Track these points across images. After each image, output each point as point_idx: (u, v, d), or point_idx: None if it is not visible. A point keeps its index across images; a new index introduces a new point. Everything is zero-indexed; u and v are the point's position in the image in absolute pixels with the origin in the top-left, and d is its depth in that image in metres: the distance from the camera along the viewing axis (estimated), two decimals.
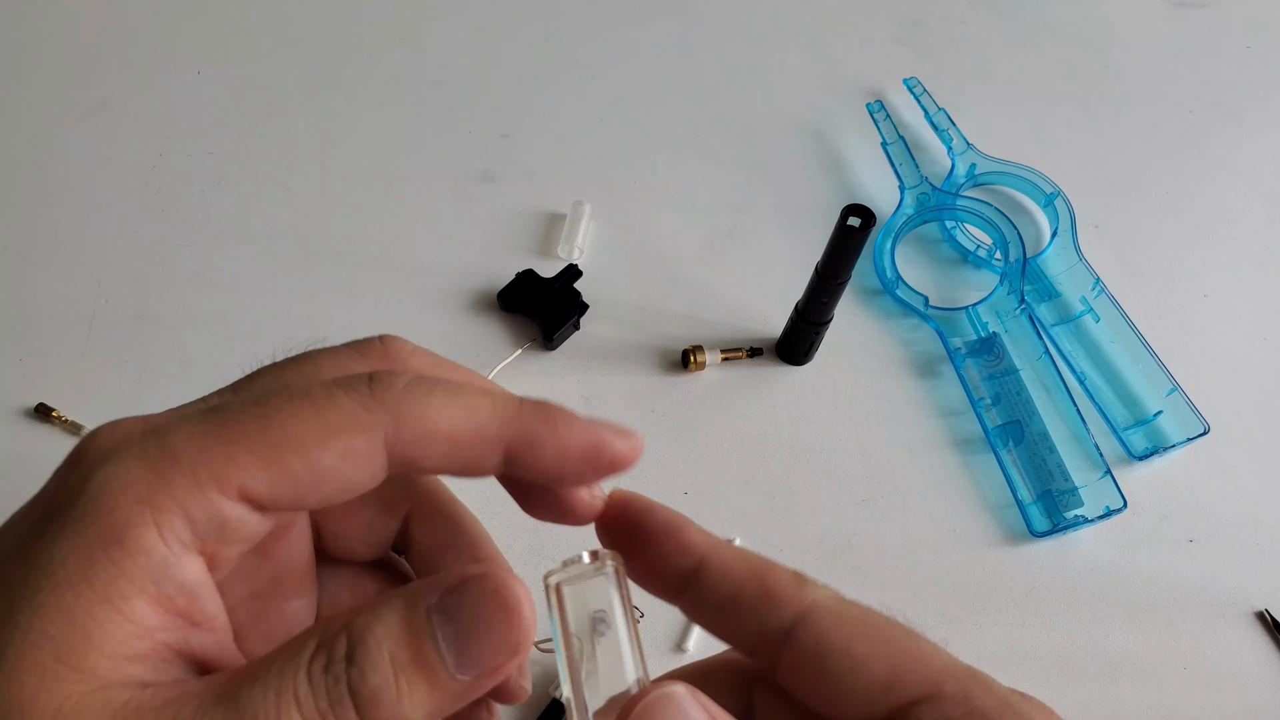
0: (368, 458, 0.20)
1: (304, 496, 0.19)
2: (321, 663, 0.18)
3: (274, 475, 0.19)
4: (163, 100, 0.68)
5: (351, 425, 0.19)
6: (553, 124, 0.68)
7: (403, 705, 0.18)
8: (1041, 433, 0.54)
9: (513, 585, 0.20)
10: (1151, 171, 0.69)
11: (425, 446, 0.20)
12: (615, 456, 0.23)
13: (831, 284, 0.50)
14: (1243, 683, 0.48)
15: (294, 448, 0.19)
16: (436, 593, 0.19)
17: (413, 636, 0.19)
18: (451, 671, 0.19)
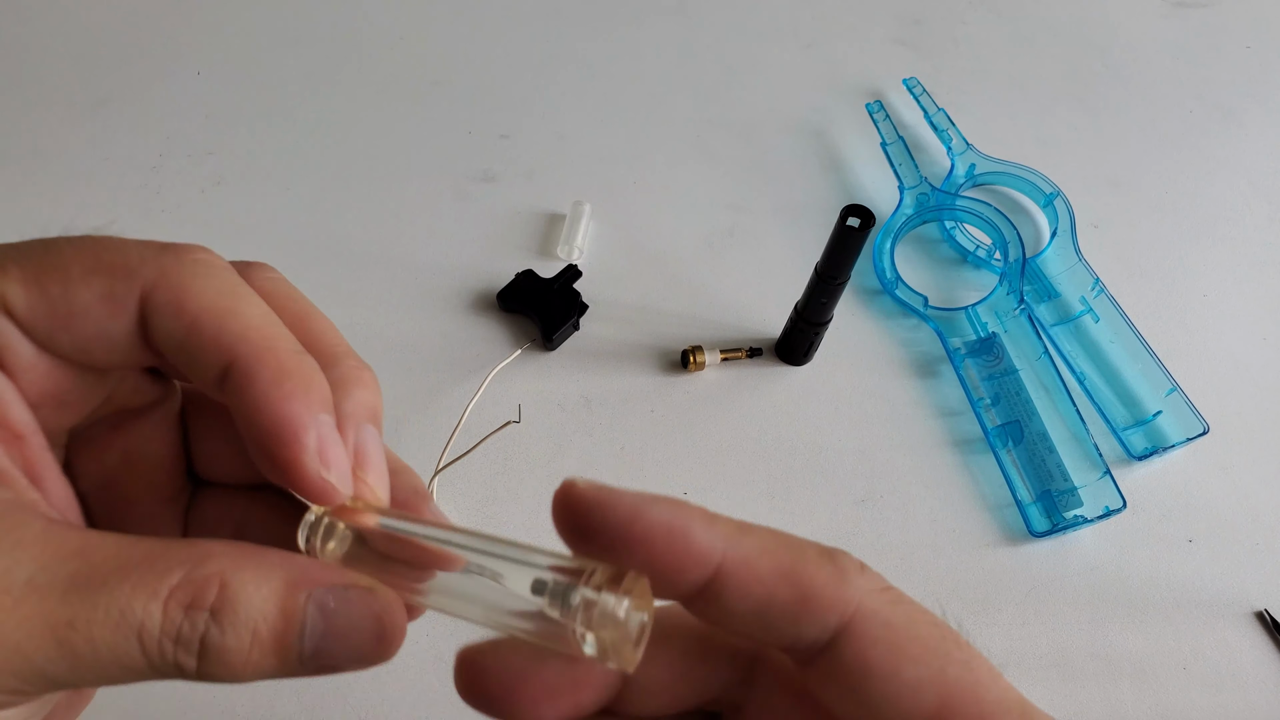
0: (125, 308, 0.19)
1: (56, 329, 0.19)
2: (181, 601, 0.17)
3: (33, 296, 0.18)
4: (163, 100, 0.68)
5: (118, 266, 0.19)
6: (553, 124, 0.68)
7: (244, 670, 0.18)
8: (1041, 433, 0.54)
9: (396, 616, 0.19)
10: (1151, 171, 0.69)
11: (168, 319, 0.19)
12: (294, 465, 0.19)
13: (831, 284, 0.50)
14: (1242, 683, 0.48)
15: (59, 274, 0.19)
16: (320, 585, 0.19)
17: (283, 620, 0.18)
18: (304, 658, 0.19)
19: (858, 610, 0.18)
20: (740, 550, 0.18)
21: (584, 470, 0.52)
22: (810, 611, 0.18)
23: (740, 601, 0.18)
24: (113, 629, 0.17)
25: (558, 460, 0.52)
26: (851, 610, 0.18)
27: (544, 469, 0.52)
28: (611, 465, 0.52)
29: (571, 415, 0.54)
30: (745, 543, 0.18)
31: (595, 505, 0.17)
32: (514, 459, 0.52)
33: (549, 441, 0.53)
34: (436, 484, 0.50)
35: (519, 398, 0.54)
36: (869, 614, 0.18)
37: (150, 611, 0.17)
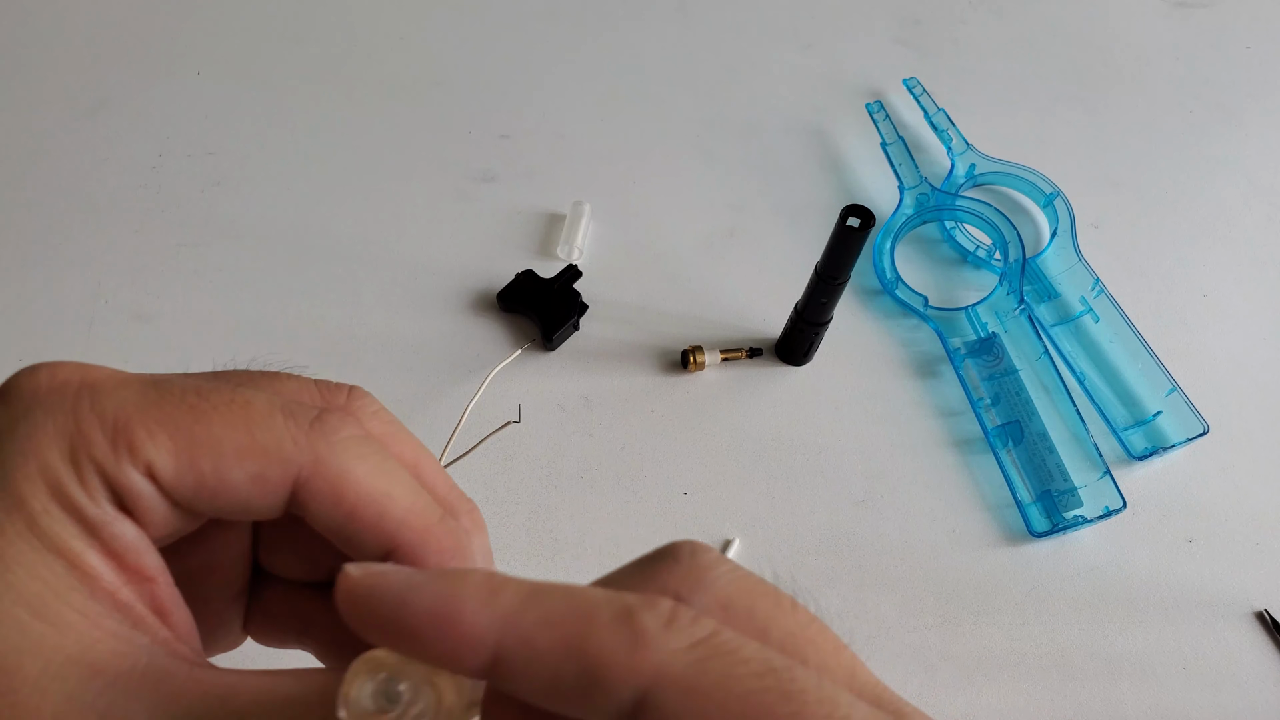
0: (276, 489, 0.19)
1: (201, 499, 0.19)
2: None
3: (182, 467, 0.18)
4: (163, 100, 0.68)
5: (273, 451, 0.19)
6: (553, 124, 0.68)
7: None
8: (1041, 433, 0.54)
9: None
10: (1151, 171, 0.69)
11: (327, 504, 0.19)
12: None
13: (831, 284, 0.50)
14: (1242, 683, 0.48)
15: (212, 451, 0.18)
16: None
17: None
18: None
19: (656, 678, 0.15)
20: (520, 628, 0.16)
21: (584, 470, 0.52)
22: (599, 688, 0.15)
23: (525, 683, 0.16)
24: None
25: (558, 460, 0.52)
26: (648, 680, 0.15)
27: (544, 469, 0.52)
28: (611, 465, 0.52)
29: (571, 415, 0.54)
30: (526, 618, 0.16)
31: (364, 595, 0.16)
32: (514, 459, 0.52)
33: (549, 441, 0.53)
34: None
35: (519, 398, 0.54)
36: (669, 682, 0.15)
37: None
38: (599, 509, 0.51)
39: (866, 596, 0.49)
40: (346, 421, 0.20)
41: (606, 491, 0.51)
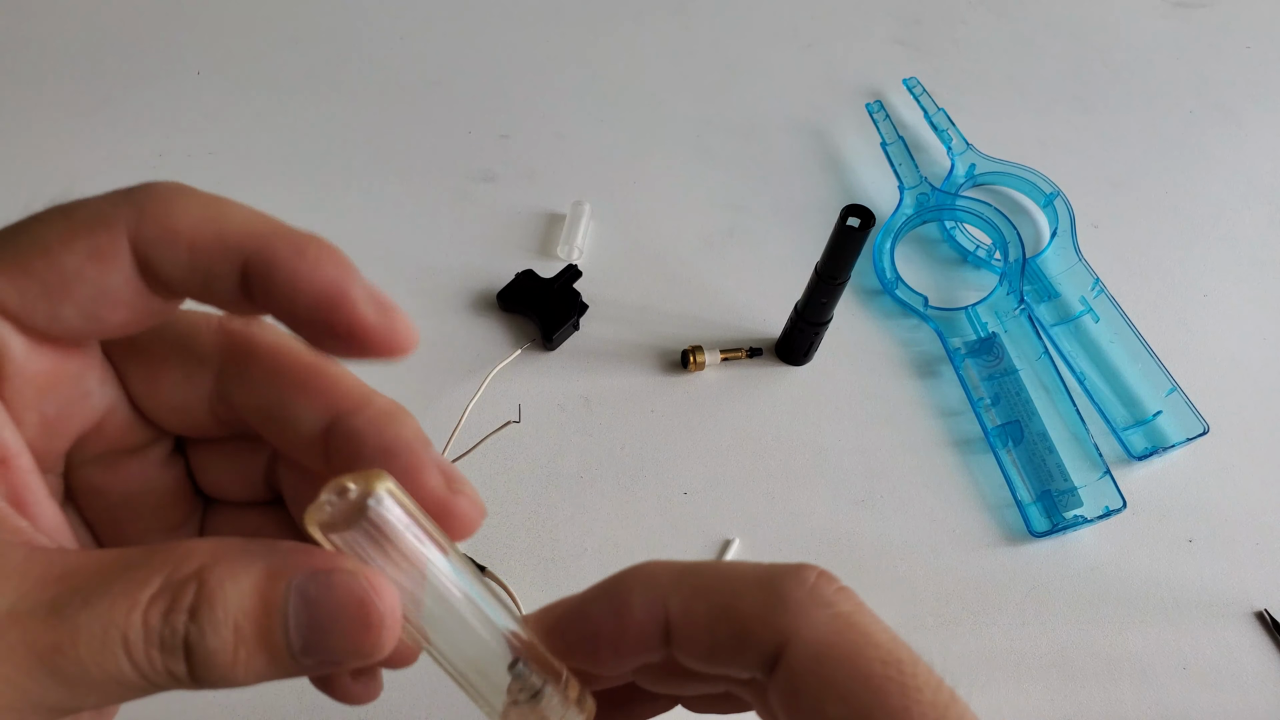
0: (113, 255, 0.18)
1: (60, 305, 0.18)
2: (161, 607, 0.17)
3: (21, 284, 0.18)
4: (163, 100, 0.68)
5: (95, 221, 0.18)
6: (553, 124, 0.68)
7: (236, 671, 0.17)
8: (1041, 433, 0.54)
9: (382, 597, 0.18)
10: (1151, 171, 0.69)
11: (166, 247, 0.18)
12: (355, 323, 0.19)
13: (831, 284, 0.50)
14: (1242, 683, 0.48)
15: (38, 250, 0.18)
16: (302, 572, 0.18)
17: (263, 612, 0.17)
18: (295, 654, 0.18)
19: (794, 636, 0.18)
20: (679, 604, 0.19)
21: (584, 470, 0.52)
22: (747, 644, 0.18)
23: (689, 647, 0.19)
24: (99, 647, 0.16)
25: (558, 460, 0.52)
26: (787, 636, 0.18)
27: (544, 469, 0.52)
28: (611, 465, 0.52)
29: (571, 415, 0.54)
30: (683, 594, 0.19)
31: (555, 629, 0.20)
32: (514, 459, 0.52)
33: (549, 441, 0.53)
34: None
35: (519, 398, 0.54)
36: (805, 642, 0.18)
37: (132, 622, 0.16)
38: (599, 509, 0.51)
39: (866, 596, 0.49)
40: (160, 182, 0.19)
41: (606, 491, 0.51)
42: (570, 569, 0.49)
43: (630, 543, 0.50)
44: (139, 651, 0.16)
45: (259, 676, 0.18)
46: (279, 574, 0.18)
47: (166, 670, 0.17)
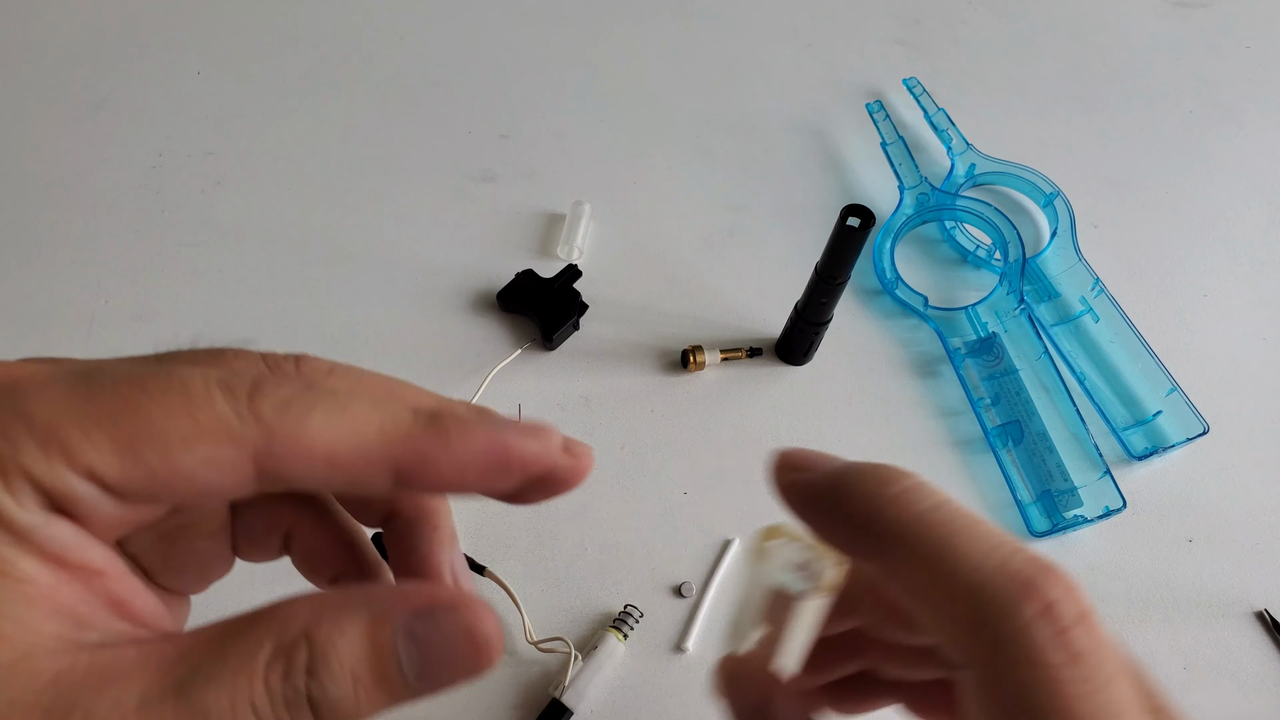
0: (233, 468, 0.18)
1: (161, 492, 0.18)
2: (280, 671, 0.17)
3: (127, 465, 0.17)
4: (163, 100, 0.68)
5: (219, 432, 0.18)
6: (553, 124, 0.68)
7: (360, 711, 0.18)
8: (1041, 433, 0.54)
9: (484, 618, 0.19)
10: (1151, 171, 0.69)
11: (300, 465, 0.19)
12: (527, 459, 0.20)
13: (831, 284, 0.50)
14: (1243, 683, 0.48)
15: (154, 442, 0.18)
16: (404, 614, 0.19)
17: (377, 657, 0.18)
18: (411, 685, 0.19)
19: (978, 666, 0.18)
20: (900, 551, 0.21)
21: None
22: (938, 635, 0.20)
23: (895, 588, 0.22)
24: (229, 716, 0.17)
25: None
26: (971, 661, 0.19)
27: None
28: (611, 465, 0.52)
29: (571, 415, 0.54)
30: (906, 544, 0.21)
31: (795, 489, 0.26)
32: None
33: None
34: None
35: (519, 398, 0.54)
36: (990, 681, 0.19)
37: (256, 690, 0.17)
38: (599, 509, 0.51)
39: None
40: (286, 381, 0.19)
41: (606, 491, 0.51)
42: (570, 569, 0.49)
43: (630, 543, 0.50)
44: (268, 715, 0.17)
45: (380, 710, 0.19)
46: (382, 620, 0.18)
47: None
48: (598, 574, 0.49)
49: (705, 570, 0.49)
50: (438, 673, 0.19)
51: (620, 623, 0.46)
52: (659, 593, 0.48)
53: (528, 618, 0.46)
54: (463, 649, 0.19)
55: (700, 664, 0.46)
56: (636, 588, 0.48)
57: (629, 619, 0.46)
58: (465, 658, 0.19)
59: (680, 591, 0.48)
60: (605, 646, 0.45)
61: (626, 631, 0.46)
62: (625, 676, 0.46)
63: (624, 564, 0.49)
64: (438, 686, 0.19)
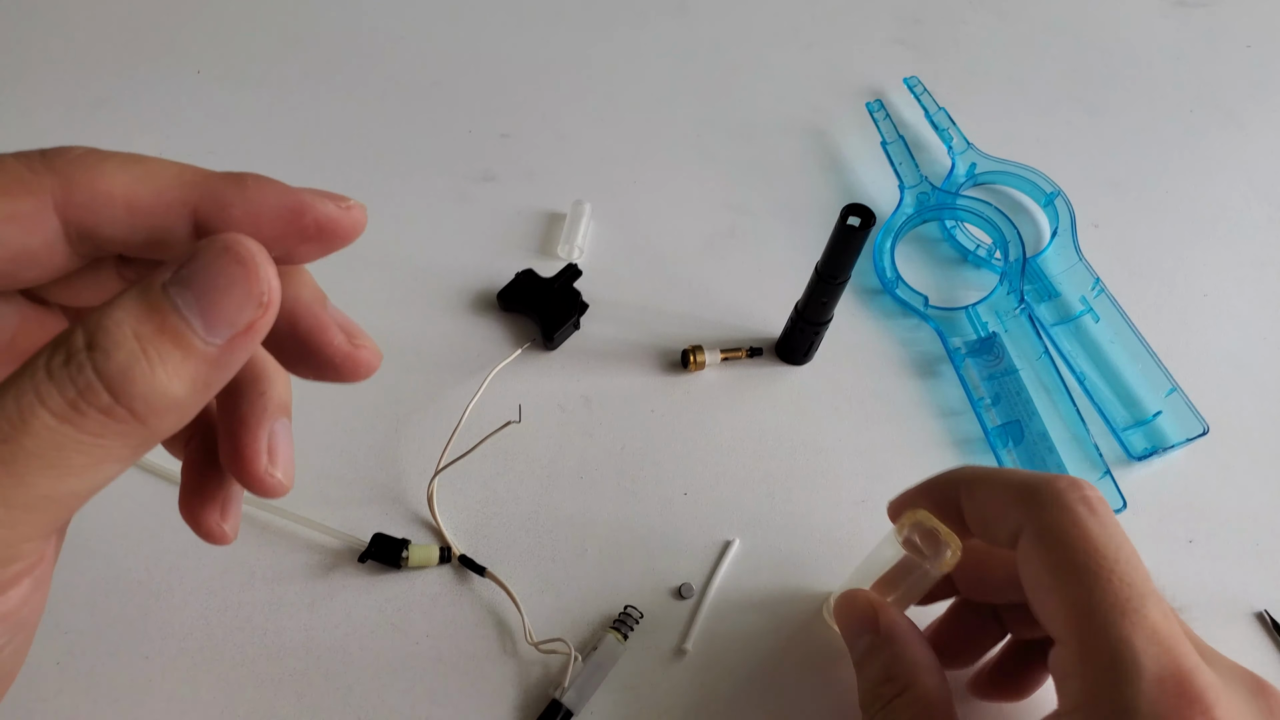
0: (36, 220, 0.19)
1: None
2: (61, 358, 0.17)
3: None
4: (163, 100, 0.68)
5: (14, 187, 0.19)
6: (553, 124, 0.68)
7: (158, 376, 0.18)
8: (1041, 433, 0.54)
9: (243, 240, 0.19)
10: (1151, 171, 0.69)
11: (101, 210, 0.20)
12: (321, 219, 0.21)
13: (831, 284, 0.50)
14: None
15: None
16: (170, 269, 0.19)
17: (152, 311, 0.18)
18: (201, 335, 0.18)
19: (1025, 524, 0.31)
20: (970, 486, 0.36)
21: (583, 470, 0.52)
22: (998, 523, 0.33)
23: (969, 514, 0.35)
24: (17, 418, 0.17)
25: (558, 460, 0.52)
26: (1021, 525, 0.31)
27: (544, 469, 0.52)
28: (611, 465, 0.52)
29: (571, 415, 0.54)
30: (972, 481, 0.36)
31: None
32: (514, 459, 0.52)
33: (549, 441, 0.53)
34: (437, 484, 0.50)
35: (519, 398, 0.54)
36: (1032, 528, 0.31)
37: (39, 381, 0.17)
38: (599, 509, 0.51)
39: None
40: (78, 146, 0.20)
41: (606, 492, 0.51)
42: (570, 570, 0.49)
43: (630, 543, 0.50)
44: (56, 402, 0.17)
45: (185, 377, 0.18)
46: (152, 280, 0.18)
47: (95, 409, 0.17)
48: (598, 575, 0.49)
49: (706, 571, 0.49)
50: (219, 307, 0.18)
51: (620, 624, 0.46)
52: (659, 593, 0.48)
53: (528, 619, 0.46)
54: (228, 269, 0.18)
55: (701, 665, 0.46)
56: (636, 589, 0.48)
57: (629, 620, 0.46)
58: (237, 280, 0.18)
59: (680, 592, 0.48)
60: (605, 647, 0.45)
61: (626, 632, 0.46)
62: (625, 677, 0.46)
63: (624, 565, 0.49)
64: (229, 329, 0.19)
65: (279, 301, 0.19)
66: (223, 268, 0.18)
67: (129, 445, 0.18)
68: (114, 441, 0.18)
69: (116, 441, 0.18)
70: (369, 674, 0.45)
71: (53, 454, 0.17)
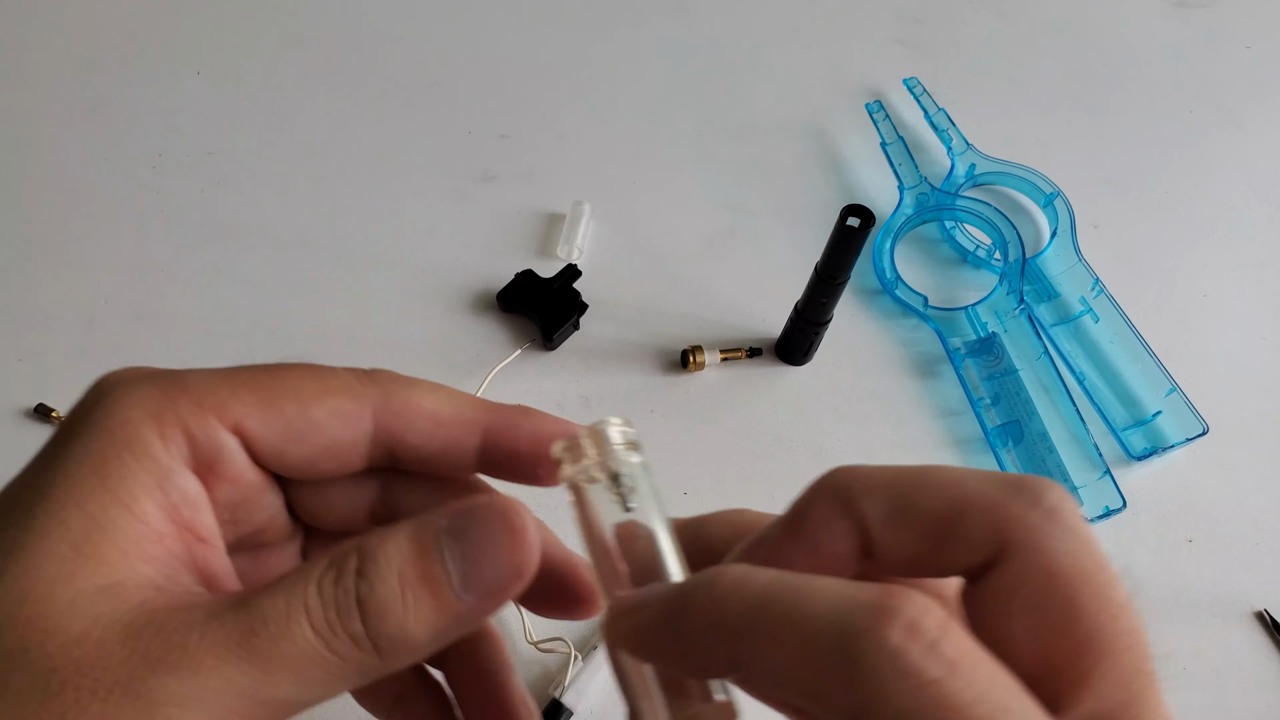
0: (356, 419, 0.22)
1: (291, 445, 0.21)
2: (332, 577, 0.19)
3: (269, 416, 0.21)
4: (163, 100, 0.68)
5: (345, 390, 0.22)
6: (553, 124, 0.68)
7: (408, 619, 0.19)
8: (1041, 433, 0.54)
9: (519, 510, 0.20)
10: (1151, 171, 0.69)
11: (410, 420, 0.22)
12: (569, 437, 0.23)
13: (831, 284, 0.50)
14: (1243, 683, 0.48)
15: (291, 397, 0.21)
16: (447, 517, 0.20)
17: (421, 555, 0.19)
18: (456, 590, 0.19)
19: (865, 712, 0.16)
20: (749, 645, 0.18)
21: None
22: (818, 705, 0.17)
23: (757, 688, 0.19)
24: (284, 621, 0.18)
25: None
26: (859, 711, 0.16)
27: None
28: None
29: (571, 415, 0.54)
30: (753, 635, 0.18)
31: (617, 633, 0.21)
32: None
33: None
34: None
35: (519, 398, 0.54)
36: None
37: (309, 593, 0.19)
38: None
39: None
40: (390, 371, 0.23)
41: None
42: None
43: None
44: (318, 617, 0.18)
45: (430, 626, 0.20)
46: (428, 524, 0.20)
47: (347, 634, 0.19)
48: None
49: None
50: (480, 569, 0.20)
51: None
52: None
53: (527, 618, 0.46)
54: (498, 534, 0.20)
55: None
56: None
57: None
58: (503, 547, 0.20)
59: None
60: (605, 647, 0.45)
61: None
62: None
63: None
64: (483, 592, 0.20)
65: (533, 575, 0.20)
66: (495, 532, 0.20)
67: (362, 673, 0.19)
68: (351, 666, 0.19)
69: (354, 667, 0.19)
70: None
71: (301, 662, 0.18)
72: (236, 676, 0.18)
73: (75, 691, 0.17)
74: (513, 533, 0.20)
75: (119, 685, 0.17)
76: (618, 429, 0.23)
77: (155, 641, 0.18)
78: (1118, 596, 0.18)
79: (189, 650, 0.18)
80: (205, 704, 0.18)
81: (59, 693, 0.17)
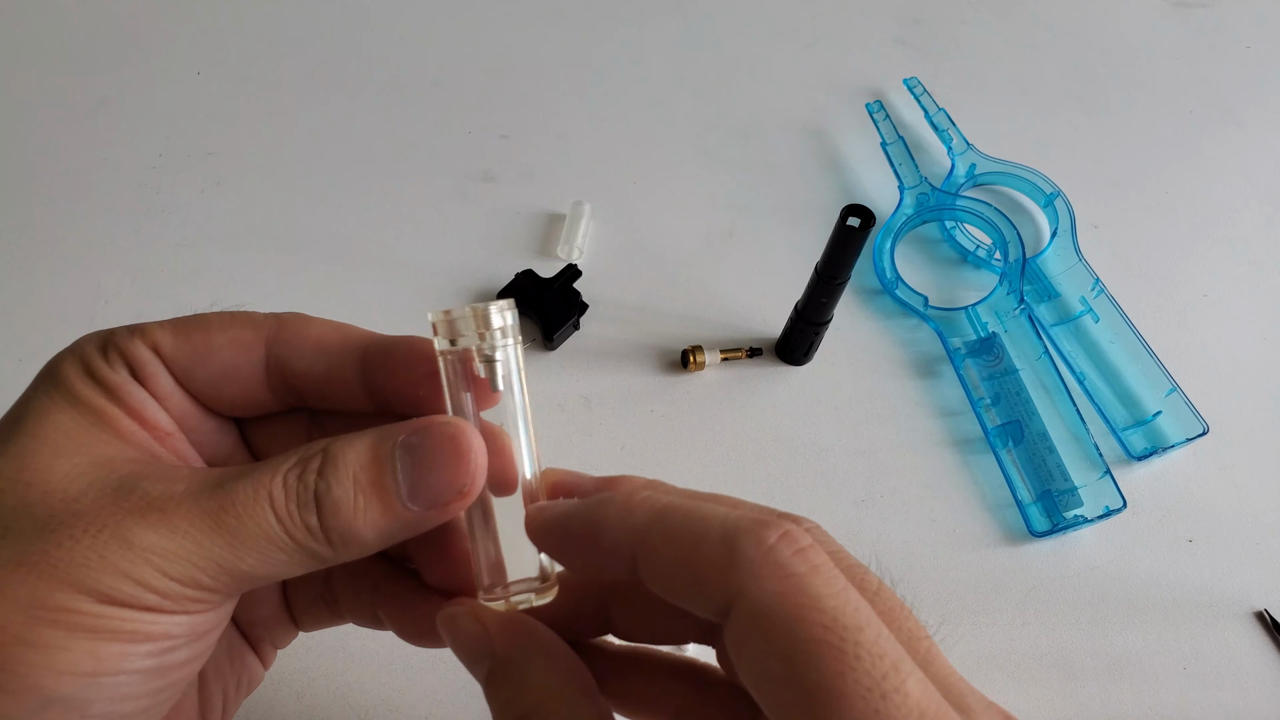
0: (250, 345, 0.25)
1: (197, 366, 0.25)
2: (297, 472, 0.22)
3: (179, 340, 0.24)
4: (163, 100, 0.68)
5: (245, 321, 0.25)
6: (553, 124, 0.68)
7: (357, 520, 0.22)
8: (1041, 433, 0.54)
9: (468, 433, 0.23)
10: (1151, 171, 0.69)
11: (296, 347, 0.25)
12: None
13: (831, 284, 0.50)
14: (1243, 683, 0.48)
15: (199, 327, 0.25)
16: (406, 431, 0.23)
17: (375, 463, 0.22)
18: (403, 499, 0.22)
19: (740, 596, 0.19)
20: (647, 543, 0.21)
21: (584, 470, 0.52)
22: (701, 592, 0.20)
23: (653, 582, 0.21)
24: (251, 504, 0.21)
25: (558, 460, 0.52)
26: (735, 594, 0.19)
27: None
28: (611, 465, 0.52)
29: (571, 415, 0.54)
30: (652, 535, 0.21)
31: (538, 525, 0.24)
32: None
33: (549, 441, 0.53)
34: None
35: None
36: (749, 602, 0.19)
37: (275, 483, 0.22)
38: None
39: None
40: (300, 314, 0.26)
41: None
42: None
43: None
44: (281, 506, 0.21)
45: (377, 528, 0.22)
46: (387, 436, 0.23)
47: (303, 524, 0.22)
48: None
49: None
50: (427, 483, 0.22)
51: None
52: None
53: None
54: (446, 453, 0.23)
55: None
56: None
57: None
58: (448, 461, 0.23)
59: None
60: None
61: None
62: None
63: None
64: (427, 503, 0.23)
65: (477, 495, 0.23)
66: (444, 451, 0.23)
67: (316, 559, 0.22)
68: (306, 553, 0.22)
69: (308, 553, 0.22)
70: (369, 673, 0.45)
71: (263, 543, 0.21)
72: (206, 544, 0.21)
73: (70, 529, 0.20)
74: (459, 454, 0.23)
75: (108, 529, 0.20)
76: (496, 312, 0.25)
77: (141, 502, 0.21)
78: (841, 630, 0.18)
79: (168, 514, 0.21)
80: (179, 561, 0.21)
81: (56, 530, 0.20)
